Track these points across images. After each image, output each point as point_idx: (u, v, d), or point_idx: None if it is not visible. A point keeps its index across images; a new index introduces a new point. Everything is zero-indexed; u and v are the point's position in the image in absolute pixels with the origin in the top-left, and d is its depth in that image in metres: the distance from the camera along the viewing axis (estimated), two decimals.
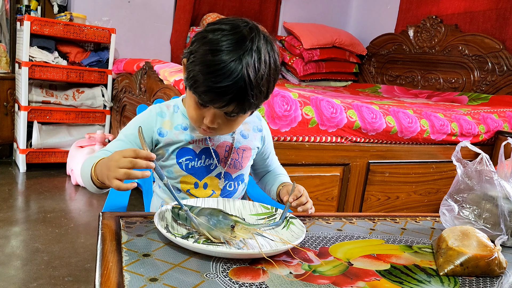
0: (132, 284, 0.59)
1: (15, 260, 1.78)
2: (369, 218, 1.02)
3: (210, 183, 0.98)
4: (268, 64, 0.82)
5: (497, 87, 3.22)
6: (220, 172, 0.98)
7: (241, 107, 0.82)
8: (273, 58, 0.84)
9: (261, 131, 1.06)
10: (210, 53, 0.78)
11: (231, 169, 0.99)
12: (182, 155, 0.95)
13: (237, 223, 0.74)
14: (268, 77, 0.82)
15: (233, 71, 0.77)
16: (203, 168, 0.96)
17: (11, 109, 3.12)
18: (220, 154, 0.97)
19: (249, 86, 0.78)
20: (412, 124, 2.21)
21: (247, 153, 1.02)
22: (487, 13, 3.31)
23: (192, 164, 0.95)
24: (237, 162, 1.00)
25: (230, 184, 1.01)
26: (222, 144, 0.98)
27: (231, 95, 0.79)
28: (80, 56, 3.12)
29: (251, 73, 0.78)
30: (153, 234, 0.78)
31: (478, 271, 0.75)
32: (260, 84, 0.80)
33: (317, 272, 0.70)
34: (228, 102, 0.80)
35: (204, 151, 0.96)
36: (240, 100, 0.80)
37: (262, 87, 0.81)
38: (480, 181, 0.92)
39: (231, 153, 0.98)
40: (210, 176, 0.97)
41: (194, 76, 0.81)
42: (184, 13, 3.65)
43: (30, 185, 2.74)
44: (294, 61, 3.93)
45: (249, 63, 0.78)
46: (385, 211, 2.28)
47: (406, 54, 3.91)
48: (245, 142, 1.01)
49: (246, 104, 0.82)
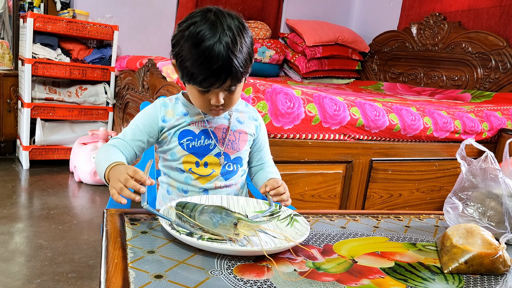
0: (137, 280, 0.60)
1: (19, 256, 1.79)
2: (373, 216, 1.02)
3: (210, 162, 1.05)
4: (241, 35, 0.93)
5: (500, 84, 3.21)
6: (219, 152, 1.06)
7: (236, 78, 0.93)
8: (242, 27, 0.95)
9: (256, 121, 1.15)
10: (194, 47, 0.90)
11: (229, 150, 1.07)
12: (183, 136, 1.04)
13: (240, 220, 0.74)
14: (246, 45, 0.94)
15: (218, 53, 0.89)
16: (202, 148, 1.04)
17: (14, 106, 3.13)
18: (218, 135, 1.06)
19: (236, 60, 0.91)
20: (415, 121, 2.20)
21: (243, 137, 1.10)
22: (491, 10, 3.30)
23: (193, 144, 1.04)
24: (234, 143, 1.08)
25: (229, 165, 1.08)
26: (220, 127, 1.07)
27: (225, 73, 0.91)
28: (83, 53, 3.12)
29: (233, 49, 0.90)
30: (157, 231, 0.78)
31: (482, 269, 0.75)
32: (243, 53, 0.93)
33: (321, 270, 0.70)
34: (224, 80, 0.92)
35: (203, 132, 1.05)
36: (232, 74, 0.92)
37: (245, 55, 0.93)
38: (484, 179, 0.92)
39: (228, 134, 1.07)
40: (209, 155, 1.05)
41: (189, 71, 0.92)
42: (186, 10, 3.64)
43: (33, 181, 2.75)
44: (296, 58, 3.92)
45: (228, 41, 0.90)
46: (388, 208, 2.27)
47: (409, 51, 3.89)
48: (240, 126, 1.10)
49: (239, 74, 0.93)
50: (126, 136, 1.03)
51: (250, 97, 1.75)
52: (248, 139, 1.11)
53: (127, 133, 1.04)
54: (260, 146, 1.17)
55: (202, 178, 1.05)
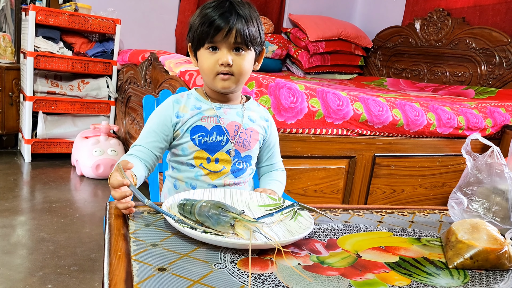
0: (141, 273, 0.59)
1: (21, 249, 1.79)
2: (377, 211, 1.02)
3: (221, 158, 1.05)
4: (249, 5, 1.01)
5: (504, 81, 3.19)
6: (230, 149, 1.06)
7: (242, 34, 0.97)
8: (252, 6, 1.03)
9: (267, 121, 1.15)
10: (202, 9, 1.00)
11: (240, 147, 1.07)
12: (195, 132, 1.04)
13: (237, 221, 0.73)
14: (253, 11, 1.01)
15: (222, 5, 0.97)
16: (214, 144, 1.04)
17: (16, 100, 3.12)
18: (230, 132, 1.05)
19: (242, 13, 0.98)
20: (419, 117, 2.19)
21: (254, 135, 1.10)
22: (496, 7, 3.28)
23: (205, 140, 1.04)
24: (246, 141, 1.08)
25: (239, 162, 1.08)
26: (232, 124, 1.06)
27: (229, 21, 0.96)
28: (85, 46, 3.11)
29: (239, 5, 0.99)
30: (160, 224, 0.78)
31: (488, 265, 0.74)
32: (252, 20, 0.99)
33: (326, 264, 0.69)
34: (230, 28, 0.96)
35: (215, 128, 1.04)
36: (238, 27, 0.97)
37: (255, 24, 1.00)
38: (490, 174, 0.91)
39: (239, 131, 1.07)
40: (220, 152, 1.05)
41: (197, 29, 0.99)
42: (189, 4, 3.63)
43: (35, 175, 2.75)
44: (299, 53, 3.90)
45: (235, 1, 0.99)
46: (391, 204, 2.27)
47: (412, 47, 3.88)
48: (252, 125, 1.10)
49: (245, 32, 0.98)
50: (142, 141, 1.04)
51: (253, 91, 1.74)
52: (259, 139, 1.11)
53: (142, 137, 1.05)
54: (270, 145, 1.17)
55: (212, 174, 1.05)
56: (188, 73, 1.92)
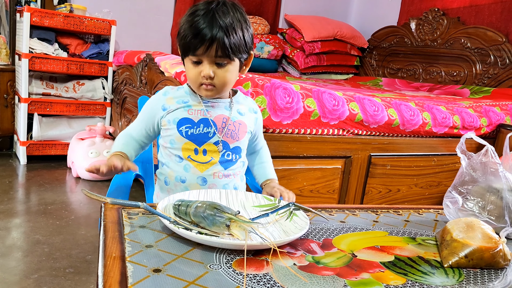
0: (136, 274, 0.59)
1: (16, 251, 1.78)
2: (372, 210, 1.02)
3: (208, 150, 1.06)
4: (234, 10, 1.00)
5: (499, 80, 3.21)
6: (217, 140, 1.06)
7: (223, 47, 0.97)
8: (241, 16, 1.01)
9: (256, 113, 1.16)
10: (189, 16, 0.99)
11: (228, 139, 1.07)
12: (182, 123, 1.05)
13: (232, 221, 0.73)
14: (237, 20, 0.99)
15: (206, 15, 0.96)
16: (201, 135, 1.05)
17: (11, 101, 3.11)
18: (217, 124, 1.06)
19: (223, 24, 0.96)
20: (414, 117, 2.20)
21: (243, 127, 1.10)
22: (492, 6, 3.29)
23: (192, 131, 1.05)
24: (234, 133, 1.08)
25: (228, 154, 1.08)
26: (219, 116, 1.07)
27: (209, 34, 0.95)
28: (80, 48, 3.10)
29: (221, 15, 0.97)
30: (155, 225, 0.77)
31: (482, 263, 0.75)
32: (236, 31, 0.98)
33: (321, 264, 0.69)
34: (210, 42, 0.96)
35: (202, 120, 1.06)
36: (219, 41, 0.96)
37: (238, 35, 0.99)
38: (484, 173, 0.91)
39: (227, 124, 1.07)
40: (208, 143, 1.06)
41: (182, 38, 0.99)
42: (184, 5, 3.62)
43: (31, 177, 2.73)
44: (295, 54, 3.91)
45: (218, 10, 0.97)
46: (387, 204, 2.27)
47: (407, 47, 3.89)
48: (241, 117, 1.10)
49: (226, 44, 0.97)
50: (131, 128, 1.11)
51: (248, 91, 1.74)
52: (248, 131, 1.12)
53: (133, 124, 1.12)
54: (256, 133, 1.19)
55: (200, 165, 1.05)
56: (184, 74, 1.92)
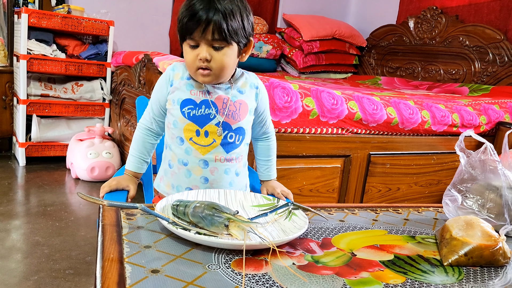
0: (134, 275, 0.59)
1: (16, 253, 1.78)
2: (371, 209, 1.02)
3: (210, 131, 1.06)
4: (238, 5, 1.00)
5: (498, 78, 3.20)
6: (219, 121, 1.07)
7: (219, 30, 0.97)
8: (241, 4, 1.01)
9: (257, 88, 1.15)
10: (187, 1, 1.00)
11: (230, 119, 1.08)
12: (185, 104, 1.06)
13: (231, 221, 0.72)
14: (236, 5, 0.99)
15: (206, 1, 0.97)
16: (203, 117, 1.06)
17: (10, 103, 3.11)
18: (218, 105, 1.07)
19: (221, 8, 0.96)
20: (413, 115, 2.20)
21: (244, 107, 1.10)
22: (491, 5, 3.29)
23: (194, 113, 1.06)
24: (235, 113, 1.08)
25: (230, 135, 1.08)
26: (220, 97, 1.07)
27: (205, 16, 0.96)
28: (78, 49, 3.10)
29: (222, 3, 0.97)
30: (154, 225, 0.77)
31: (482, 261, 0.74)
32: (230, 8, 0.98)
33: (320, 263, 0.69)
34: (206, 24, 0.96)
35: (204, 102, 1.06)
36: (215, 23, 0.96)
37: (233, 11, 0.98)
38: (483, 171, 0.91)
39: (228, 104, 1.08)
40: (210, 125, 1.06)
41: (180, 21, 1.00)
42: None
43: (30, 178, 2.73)
44: (293, 53, 3.90)
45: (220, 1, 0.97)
46: (386, 202, 2.27)
47: (406, 45, 3.88)
48: (241, 97, 1.10)
49: (223, 28, 0.97)
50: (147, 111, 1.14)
51: None
52: (249, 110, 1.12)
53: (149, 107, 1.14)
54: (260, 111, 1.17)
55: (202, 148, 1.06)
56: None
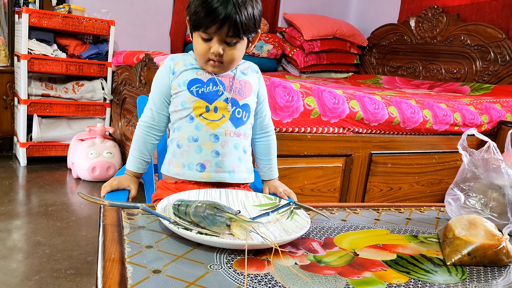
0: (135, 275, 0.58)
1: (17, 253, 1.78)
2: (374, 209, 1.01)
3: (219, 107, 1.09)
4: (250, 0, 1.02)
5: (499, 77, 3.20)
6: (227, 98, 1.10)
7: (235, 27, 0.99)
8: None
9: (258, 73, 1.20)
10: None
11: (237, 96, 1.11)
12: (192, 84, 1.09)
13: (232, 221, 0.72)
14: (252, 7, 1.01)
15: None
16: (211, 93, 1.09)
17: (11, 103, 3.10)
18: (225, 83, 1.10)
19: (237, 6, 0.98)
20: (415, 114, 2.19)
21: (249, 86, 1.14)
22: (492, 4, 3.28)
23: (202, 90, 1.09)
24: (241, 90, 1.12)
25: (238, 111, 1.11)
26: (226, 76, 1.11)
27: (223, 14, 0.97)
28: (79, 48, 3.09)
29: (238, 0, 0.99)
30: (155, 225, 0.77)
31: (485, 261, 0.74)
32: (247, 10, 1.00)
33: (323, 263, 0.69)
34: (223, 22, 0.98)
35: (211, 80, 1.10)
36: (231, 21, 0.98)
37: (249, 13, 1.00)
38: (486, 169, 0.91)
39: (234, 82, 1.12)
40: (218, 100, 1.09)
41: (193, 13, 1.00)
42: (183, 5, 3.61)
43: (31, 178, 2.73)
44: (294, 52, 3.90)
45: None
46: (388, 202, 2.27)
47: (407, 44, 3.88)
48: (245, 77, 1.15)
49: (238, 24, 0.99)
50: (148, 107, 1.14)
51: None
52: (253, 89, 1.15)
53: (149, 102, 1.14)
54: (260, 98, 1.20)
55: (212, 123, 1.08)
56: None
